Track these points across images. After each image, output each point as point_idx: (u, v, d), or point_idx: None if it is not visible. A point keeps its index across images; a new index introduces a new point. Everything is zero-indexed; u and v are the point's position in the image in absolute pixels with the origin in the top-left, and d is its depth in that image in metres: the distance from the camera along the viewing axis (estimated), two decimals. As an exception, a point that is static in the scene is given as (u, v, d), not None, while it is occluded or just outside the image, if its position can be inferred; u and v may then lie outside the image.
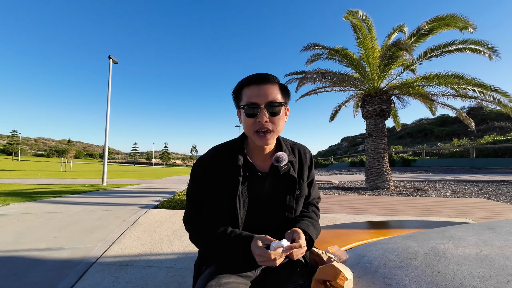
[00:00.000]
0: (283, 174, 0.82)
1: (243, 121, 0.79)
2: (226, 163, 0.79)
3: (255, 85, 0.76)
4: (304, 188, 0.88)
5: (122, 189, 7.39)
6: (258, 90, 0.75)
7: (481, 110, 26.44)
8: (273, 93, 0.76)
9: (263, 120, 0.74)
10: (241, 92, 0.79)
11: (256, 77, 0.76)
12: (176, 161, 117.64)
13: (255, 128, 0.76)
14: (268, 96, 0.75)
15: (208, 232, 0.77)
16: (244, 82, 0.78)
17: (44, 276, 1.75)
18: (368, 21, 6.08)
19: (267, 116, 0.75)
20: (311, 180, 0.93)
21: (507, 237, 0.72)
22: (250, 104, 0.75)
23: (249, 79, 0.77)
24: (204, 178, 0.80)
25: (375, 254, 0.76)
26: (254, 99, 0.74)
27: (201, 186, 0.80)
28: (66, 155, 28.77)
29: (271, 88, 0.76)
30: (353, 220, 3.27)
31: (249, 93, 0.76)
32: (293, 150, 0.89)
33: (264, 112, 0.74)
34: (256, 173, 0.82)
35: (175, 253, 2.17)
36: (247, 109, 0.75)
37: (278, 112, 0.77)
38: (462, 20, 5.48)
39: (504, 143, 13.70)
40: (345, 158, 26.28)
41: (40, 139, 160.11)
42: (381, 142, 6.84)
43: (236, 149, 0.82)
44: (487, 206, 4.20)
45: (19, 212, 3.77)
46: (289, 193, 0.83)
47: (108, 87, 10.48)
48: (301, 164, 0.89)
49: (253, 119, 0.75)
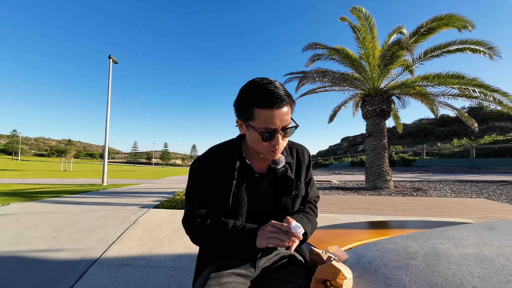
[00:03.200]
0: (280, 175, 0.82)
1: (254, 140, 0.74)
2: (224, 163, 0.79)
3: (270, 109, 0.68)
4: (301, 189, 0.88)
5: (122, 189, 7.39)
6: (274, 114, 0.68)
7: (481, 110, 26.43)
8: (287, 115, 0.71)
9: (279, 144, 0.72)
10: (251, 110, 0.70)
11: (272, 99, 0.67)
12: (176, 161, 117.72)
13: (269, 149, 0.73)
14: (284, 121, 0.70)
15: (211, 223, 0.77)
16: (257, 101, 0.68)
17: (44, 276, 1.75)
18: (370, 21, 6.09)
19: (281, 138, 0.72)
20: (309, 179, 0.93)
21: (507, 237, 0.72)
22: (268, 130, 0.69)
23: (263, 100, 0.68)
24: (203, 176, 0.80)
25: (375, 254, 0.76)
26: (272, 125, 0.69)
27: (202, 183, 0.80)
28: (66, 155, 28.77)
29: (286, 111, 0.70)
30: (353, 220, 3.27)
31: (263, 116, 0.68)
32: (291, 150, 0.89)
33: (280, 136, 0.71)
34: (253, 174, 0.82)
35: (175, 253, 2.17)
36: (263, 134, 0.70)
37: (291, 133, 0.74)
38: (460, 19, 5.48)
39: (504, 143, 13.70)
40: (345, 158, 26.28)
41: (40, 139, 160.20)
42: (381, 142, 6.83)
43: (234, 150, 0.82)
44: (487, 206, 4.20)
45: (19, 212, 3.77)
46: (286, 193, 0.83)
47: (108, 87, 10.47)
48: (298, 164, 0.88)
49: (267, 142, 0.72)
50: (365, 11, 6.04)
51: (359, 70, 6.90)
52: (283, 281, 0.73)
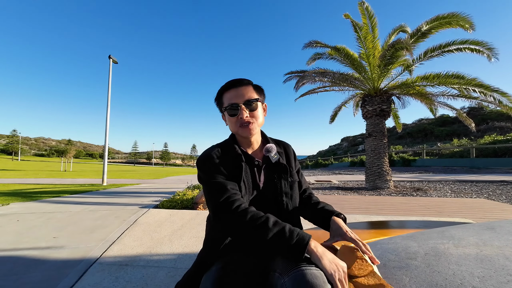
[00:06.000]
0: (274, 163, 0.91)
1: (228, 121, 0.92)
2: (227, 155, 0.87)
3: (233, 89, 0.89)
4: (295, 175, 0.97)
5: (122, 189, 7.38)
6: (236, 92, 0.89)
7: (481, 110, 26.42)
8: (249, 92, 0.89)
9: (244, 115, 0.87)
10: (222, 97, 0.92)
11: (232, 82, 0.91)
12: (176, 161, 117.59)
13: (238, 124, 0.88)
14: (244, 95, 0.88)
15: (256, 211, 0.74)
16: (223, 89, 0.92)
17: (44, 276, 1.75)
18: (373, 20, 6.07)
19: (247, 112, 0.87)
20: (298, 169, 1.04)
21: (507, 237, 0.72)
22: (231, 105, 0.88)
23: (227, 85, 0.91)
24: (217, 166, 0.85)
25: (375, 254, 0.76)
26: (233, 100, 0.88)
27: (219, 172, 0.83)
28: (66, 155, 28.73)
29: (246, 89, 0.90)
30: (353, 220, 3.27)
31: (228, 96, 0.90)
32: (278, 144, 1.01)
33: (243, 109, 0.87)
34: (253, 161, 0.90)
35: (175, 253, 2.16)
36: (229, 110, 0.88)
37: (255, 107, 0.90)
38: (463, 19, 5.47)
39: (504, 143, 13.69)
40: (345, 158, 26.26)
41: (40, 139, 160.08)
42: (381, 142, 6.83)
43: (231, 144, 0.91)
44: (487, 206, 4.20)
45: (19, 212, 3.77)
46: (283, 179, 0.91)
47: (108, 87, 10.47)
48: (287, 154, 1.00)
49: (235, 117, 0.88)
50: (370, 8, 6.00)
51: (359, 70, 6.89)
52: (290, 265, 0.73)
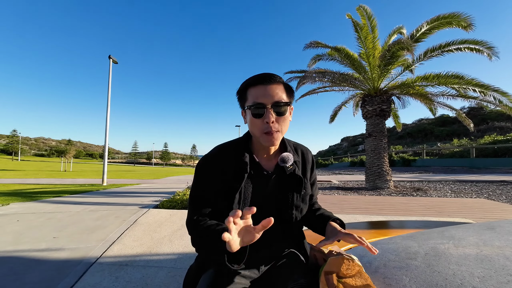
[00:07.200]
0: (288, 174, 0.82)
1: (249, 122, 0.78)
2: (232, 160, 0.79)
3: (261, 85, 0.75)
4: (308, 187, 0.88)
5: (122, 189, 7.38)
6: (264, 90, 0.74)
7: (481, 110, 26.43)
8: (279, 93, 0.75)
9: (270, 120, 0.73)
10: (246, 92, 0.78)
11: (262, 76, 0.76)
12: (176, 161, 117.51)
13: (262, 129, 0.75)
14: (274, 96, 0.74)
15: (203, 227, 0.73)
16: (249, 82, 0.77)
17: (44, 276, 1.75)
18: (372, 20, 6.11)
19: (273, 116, 0.74)
20: (313, 180, 0.94)
21: (507, 237, 0.72)
22: (257, 105, 0.74)
23: (254, 79, 0.76)
24: (209, 174, 0.79)
25: (375, 254, 0.76)
26: (260, 99, 0.73)
27: (206, 182, 0.79)
28: (66, 155, 28.72)
29: (277, 88, 0.75)
30: (353, 220, 3.27)
31: (254, 93, 0.75)
32: (296, 151, 0.89)
33: (270, 112, 0.73)
34: (262, 172, 0.81)
35: (175, 253, 2.16)
36: (254, 109, 0.74)
37: (284, 112, 0.76)
38: (463, 19, 5.48)
39: (504, 143, 13.70)
40: (345, 158, 26.28)
41: (40, 139, 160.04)
42: (381, 142, 6.83)
43: (242, 147, 0.81)
44: (487, 206, 4.20)
45: (19, 212, 3.77)
46: (296, 192, 0.83)
47: (108, 87, 10.47)
48: (304, 164, 0.89)
49: (259, 120, 0.74)
50: (369, 10, 6.09)
51: (359, 70, 6.90)
52: (285, 279, 0.74)
